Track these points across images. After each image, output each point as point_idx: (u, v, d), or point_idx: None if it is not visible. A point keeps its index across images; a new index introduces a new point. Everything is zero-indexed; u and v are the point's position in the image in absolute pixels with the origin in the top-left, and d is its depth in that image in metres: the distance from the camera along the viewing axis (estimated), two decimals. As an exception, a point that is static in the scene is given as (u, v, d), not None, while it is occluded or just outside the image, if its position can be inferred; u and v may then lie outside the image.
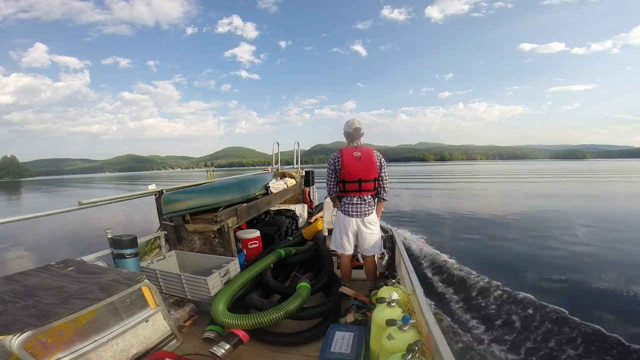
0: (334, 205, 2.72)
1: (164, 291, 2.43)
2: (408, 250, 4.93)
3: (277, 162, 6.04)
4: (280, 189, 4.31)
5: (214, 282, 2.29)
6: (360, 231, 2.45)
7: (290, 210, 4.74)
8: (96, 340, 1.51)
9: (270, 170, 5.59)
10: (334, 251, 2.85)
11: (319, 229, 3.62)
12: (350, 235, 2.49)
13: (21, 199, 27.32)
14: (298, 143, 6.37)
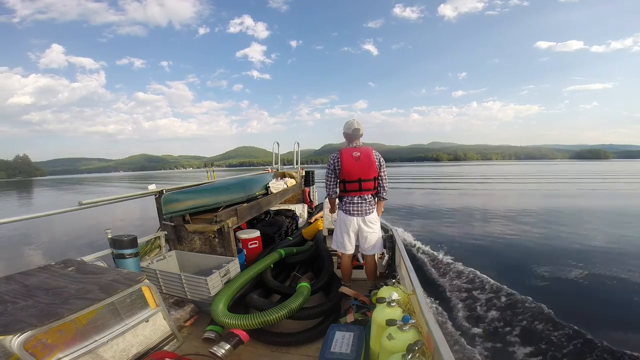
0: (332, 210, 2.73)
1: (164, 291, 2.43)
2: (408, 250, 4.93)
3: (277, 162, 6.05)
4: (280, 189, 4.32)
5: (214, 282, 2.29)
6: (361, 230, 2.46)
7: (290, 210, 4.74)
8: (96, 341, 1.51)
9: (270, 170, 5.60)
10: (334, 251, 2.85)
11: (319, 228, 3.62)
12: (352, 234, 2.49)
13: (21, 198, 27.49)
14: (298, 143, 6.37)
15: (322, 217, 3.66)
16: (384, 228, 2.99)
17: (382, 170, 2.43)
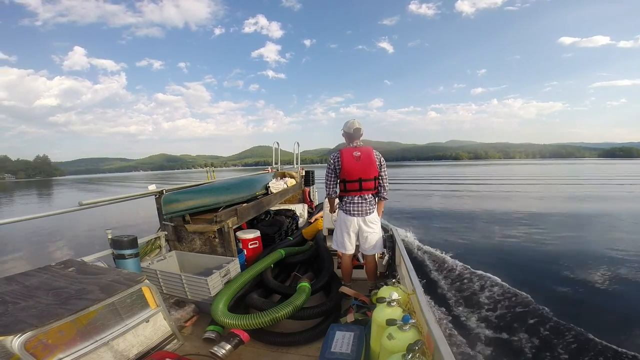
0: (331, 210, 2.74)
1: (165, 291, 2.43)
2: (408, 249, 4.91)
3: (277, 162, 6.05)
4: (280, 189, 4.32)
5: (214, 283, 2.29)
6: (362, 230, 2.46)
7: (290, 210, 4.74)
8: (97, 341, 1.51)
9: (270, 170, 5.60)
10: (334, 251, 2.85)
11: (319, 228, 3.62)
12: (352, 234, 2.49)
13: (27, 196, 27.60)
14: (298, 143, 6.37)
15: (322, 217, 3.66)
16: (384, 228, 2.99)
17: (382, 170, 2.43)
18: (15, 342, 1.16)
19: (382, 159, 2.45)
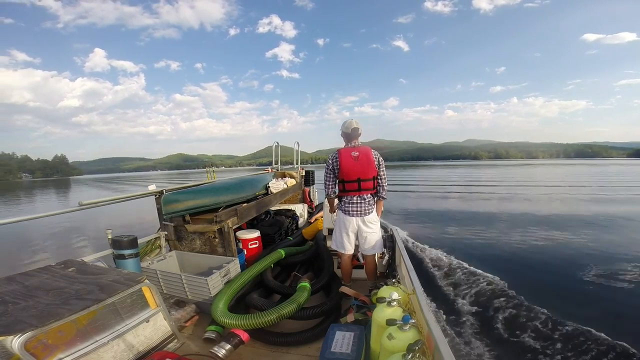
0: (331, 210, 2.74)
1: (165, 291, 2.43)
2: (408, 249, 4.91)
3: (277, 162, 6.05)
4: (280, 189, 4.32)
5: (215, 282, 2.29)
6: (361, 230, 2.46)
7: (290, 210, 4.74)
8: (97, 341, 1.51)
9: (270, 170, 5.60)
10: (334, 251, 2.85)
11: (319, 228, 3.62)
12: (351, 234, 2.49)
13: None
14: (298, 143, 6.37)
15: (322, 217, 3.66)
16: (384, 228, 2.99)
17: (381, 169, 2.43)
18: (15, 342, 1.16)
19: (381, 158, 2.45)
